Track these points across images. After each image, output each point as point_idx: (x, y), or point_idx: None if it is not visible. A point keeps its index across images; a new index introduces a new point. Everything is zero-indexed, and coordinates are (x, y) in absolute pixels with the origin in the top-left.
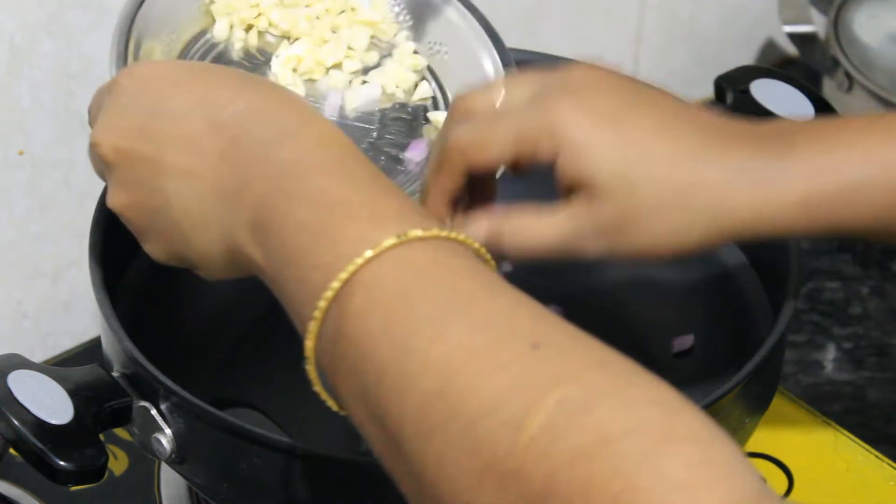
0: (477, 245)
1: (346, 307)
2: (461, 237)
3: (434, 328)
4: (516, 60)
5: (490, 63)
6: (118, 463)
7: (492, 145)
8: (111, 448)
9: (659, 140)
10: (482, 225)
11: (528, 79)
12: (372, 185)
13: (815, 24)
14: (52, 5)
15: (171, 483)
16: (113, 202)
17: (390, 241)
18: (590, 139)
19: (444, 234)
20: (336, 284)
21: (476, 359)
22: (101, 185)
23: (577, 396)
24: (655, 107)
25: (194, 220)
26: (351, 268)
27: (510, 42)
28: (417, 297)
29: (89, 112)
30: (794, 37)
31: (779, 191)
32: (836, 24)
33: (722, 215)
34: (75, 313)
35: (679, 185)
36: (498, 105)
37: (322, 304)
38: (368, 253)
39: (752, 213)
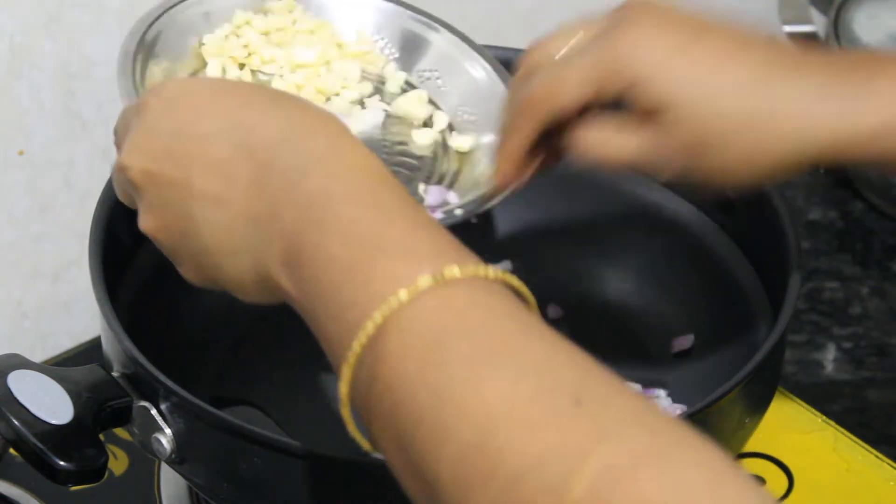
0: (517, 283)
1: (380, 350)
2: (500, 274)
3: (472, 376)
4: (515, 58)
5: (485, 74)
6: (118, 463)
7: (568, 87)
8: (111, 448)
9: (734, 65)
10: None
11: (585, 24)
12: (405, 217)
13: (815, 24)
14: (52, 5)
15: (171, 483)
16: (144, 226)
17: (426, 280)
18: (664, 66)
19: (482, 272)
20: (370, 327)
21: (517, 412)
22: (101, 184)
23: (621, 458)
24: (727, 34)
25: (224, 246)
26: (385, 309)
27: (510, 42)
28: (454, 340)
29: (115, 133)
30: (794, 37)
31: (854, 120)
32: (836, 24)
33: (798, 141)
34: (75, 313)
35: (755, 110)
36: (560, 54)
37: (356, 347)
38: (403, 294)
39: (829, 140)
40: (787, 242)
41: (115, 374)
